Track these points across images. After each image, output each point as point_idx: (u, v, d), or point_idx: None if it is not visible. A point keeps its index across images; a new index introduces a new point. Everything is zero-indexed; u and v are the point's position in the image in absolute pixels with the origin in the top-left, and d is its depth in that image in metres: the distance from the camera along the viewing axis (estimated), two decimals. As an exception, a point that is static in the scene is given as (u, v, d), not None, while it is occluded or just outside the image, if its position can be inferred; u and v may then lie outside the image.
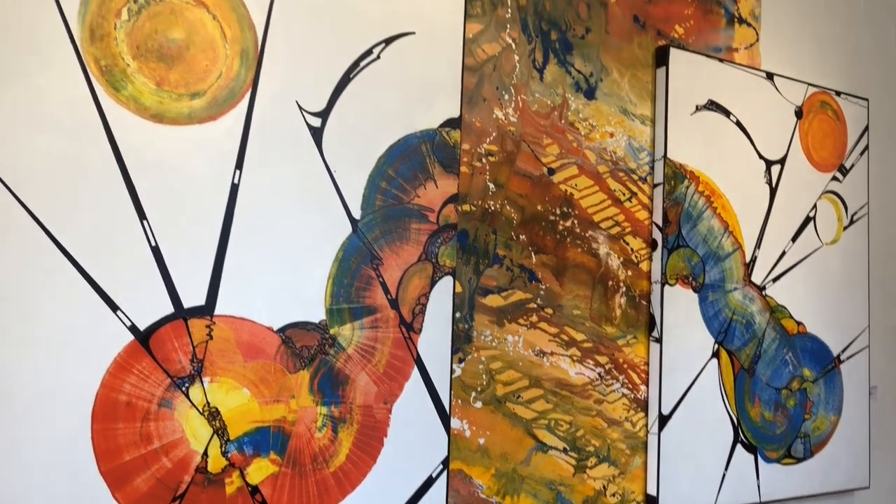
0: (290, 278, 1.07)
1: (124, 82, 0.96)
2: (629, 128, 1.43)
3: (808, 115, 1.64)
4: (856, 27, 1.80)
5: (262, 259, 1.05)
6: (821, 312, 1.65)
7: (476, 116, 1.27)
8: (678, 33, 1.49)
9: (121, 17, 0.96)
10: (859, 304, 1.72)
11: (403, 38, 1.18)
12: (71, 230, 0.93)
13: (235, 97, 1.04)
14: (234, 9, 1.04)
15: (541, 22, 1.34)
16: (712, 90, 1.49)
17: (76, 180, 0.93)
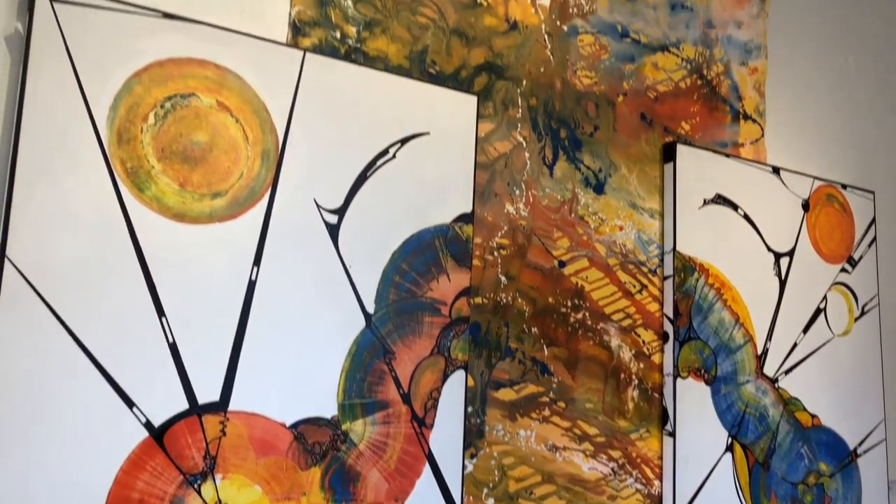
0: (304, 373, 1.08)
1: (149, 183, 1.00)
2: (638, 221, 1.45)
3: (814, 208, 1.67)
4: (860, 121, 1.85)
5: (277, 354, 1.06)
6: (835, 405, 1.64)
7: (488, 211, 1.30)
8: (684, 130, 1.54)
9: (147, 121, 1.01)
10: (874, 396, 1.71)
11: (418, 138, 1.22)
12: (91, 328, 0.95)
13: (256, 196, 1.07)
14: (257, 113, 1.08)
15: (550, 121, 1.38)
16: (720, 184, 1.53)
17: (98, 279, 0.96)
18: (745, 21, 1.64)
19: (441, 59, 1.28)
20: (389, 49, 1.23)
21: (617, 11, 1.47)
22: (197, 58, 1.04)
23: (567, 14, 1.41)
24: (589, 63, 1.43)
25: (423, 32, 1.26)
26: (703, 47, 1.58)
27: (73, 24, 0.97)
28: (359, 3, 1.20)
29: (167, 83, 1.02)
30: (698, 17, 1.58)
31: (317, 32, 1.16)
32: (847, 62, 1.84)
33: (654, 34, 1.52)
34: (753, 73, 1.65)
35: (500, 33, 1.34)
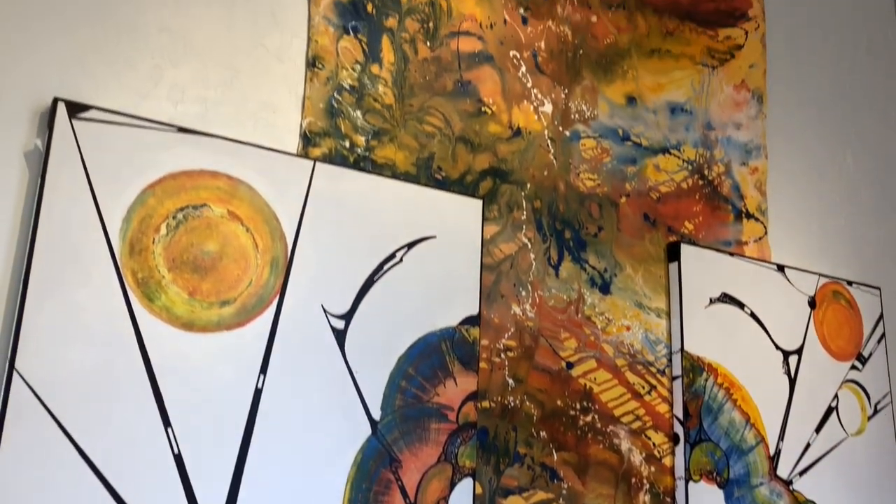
0: (309, 483, 1.06)
1: (159, 293, 1.01)
2: (645, 321, 1.45)
3: (821, 305, 1.67)
4: (862, 218, 1.87)
5: (282, 463, 1.05)
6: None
7: (495, 313, 1.30)
8: (688, 229, 1.55)
9: (159, 232, 1.03)
10: (891, 497, 1.66)
11: (425, 241, 1.24)
12: (97, 440, 0.94)
13: (264, 303, 1.08)
14: (267, 221, 1.10)
15: (555, 222, 1.40)
16: (725, 283, 1.53)
17: (106, 390, 0.96)
18: (744, 122, 1.69)
19: (447, 165, 1.31)
20: (397, 156, 1.26)
21: (618, 116, 1.51)
22: (209, 169, 1.07)
23: (569, 120, 1.45)
24: (591, 166, 1.46)
25: (430, 140, 1.30)
26: (703, 148, 1.61)
27: (91, 140, 1.00)
28: (368, 113, 1.24)
29: (180, 194, 1.05)
30: (698, 119, 1.62)
31: (327, 142, 1.20)
32: (846, 160, 1.88)
33: (655, 137, 1.55)
34: (754, 173, 1.68)
35: (504, 139, 1.38)
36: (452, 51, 1.35)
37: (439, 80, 1.32)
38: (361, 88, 1.24)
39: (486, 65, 1.38)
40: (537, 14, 1.45)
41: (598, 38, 1.52)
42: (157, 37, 1.09)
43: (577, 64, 1.48)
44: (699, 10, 1.67)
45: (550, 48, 1.45)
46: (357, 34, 1.25)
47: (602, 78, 1.51)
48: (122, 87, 1.05)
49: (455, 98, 1.34)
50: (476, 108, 1.36)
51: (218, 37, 1.13)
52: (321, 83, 1.20)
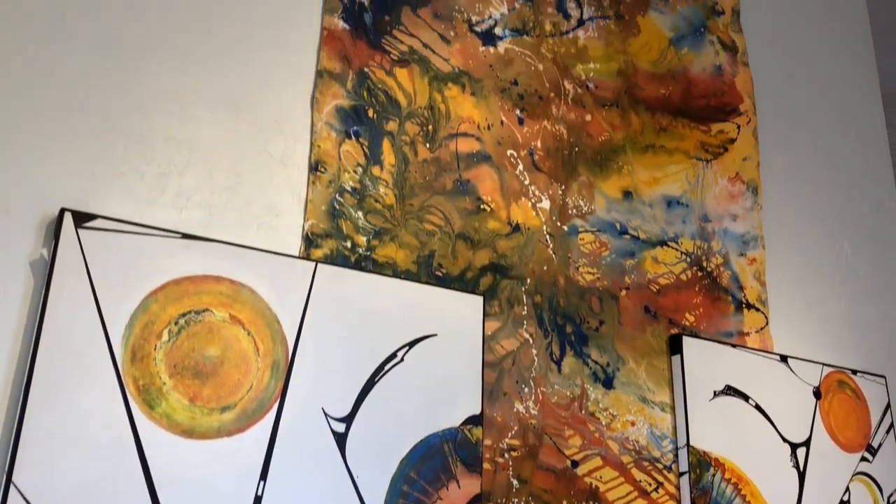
0: None
1: (159, 400, 1.01)
2: (650, 416, 1.44)
3: (826, 395, 1.65)
4: (862, 306, 1.87)
5: (282, 575, 1.03)
6: None
7: (497, 411, 1.29)
8: (689, 321, 1.56)
9: (161, 338, 1.03)
10: None
11: (426, 339, 1.24)
12: (92, 555, 0.92)
13: (264, 408, 1.08)
14: (269, 324, 1.11)
15: (556, 317, 1.40)
16: (728, 375, 1.52)
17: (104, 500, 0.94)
18: (740, 214, 1.71)
19: (447, 262, 1.32)
20: (398, 255, 1.28)
21: (615, 210, 1.54)
22: (212, 274, 1.09)
23: (567, 215, 1.47)
24: (590, 260, 1.48)
25: (430, 238, 1.32)
26: (700, 240, 1.63)
27: (96, 248, 1.01)
28: (369, 213, 1.26)
29: (182, 300, 1.06)
30: (694, 212, 1.64)
31: (328, 243, 1.21)
32: (843, 248, 1.89)
33: (653, 230, 1.57)
34: (752, 263, 1.69)
35: (503, 235, 1.40)
36: (451, 151, 1.38)
37: (439, 179, 1.35)
38: (363, 190, 1.26)
39: (485, 164, 1.41)
40: (533, 114, 1.49)
41: (592, 135, 1.55)
42: (163, 145, 1.12)
43: (573, 161, 1.52)
44: (691, 106, 1.71)
45: (547, 146, 1.49)
46: (358, 138, 1.28)
47: (598, 174, 1.54)
48: (128, 195, 1.07)
49: (454, 196, 1.36)
50: (475, 206, 1.38)
51: (223, 144, 1.16)
52: (323, 186, 1.23)
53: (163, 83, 1.14)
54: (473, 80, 1.44)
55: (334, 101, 1.27)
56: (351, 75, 1.30)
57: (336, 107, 1.27)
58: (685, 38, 1.76)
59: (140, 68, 1.13)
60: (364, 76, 1.31)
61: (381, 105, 1.32)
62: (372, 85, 1.31)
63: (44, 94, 1.05)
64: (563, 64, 1.56)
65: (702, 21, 1.80)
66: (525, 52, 1.52)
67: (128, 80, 1.11)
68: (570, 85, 1.56)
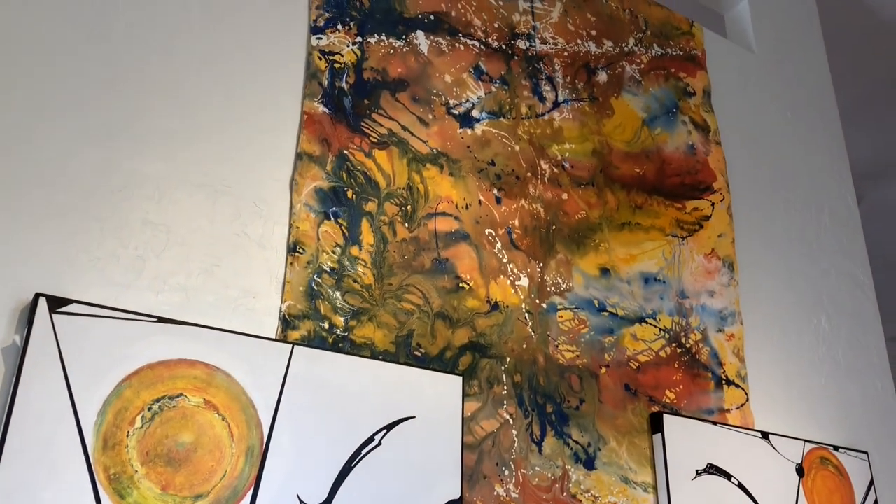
0: None
1: (130, 489, 0.98)
2: (632, 497, 1.42)
3: (809, 473, 1.64)
4: (842, 382, 1.87)
5: None
6: None
7: (477, 495, 1.27)
8: (669, 398, 1.55)
9: (134, 424, 1.01)
10: None
11: (404, 422, 1.23)
12: None
13: (238, 496, 1.05)
14: (244, 409, 1.09)
15: (536, 396, 1.39)
16: (710, 453, 1.51)
17: None
18: (717, 290, 1.73)
19: (426, 342, 1.32)
20: (376, 335, 1.27)
21: (593, 287, 1.55)
22: (187, 358, 1.07)
23: (545, 293, 1.48)
24: (570, 337, 1.48)
25: (409, 317, 1.31)
26: (679, 317, 1.64)
27: (70, 334, 1.00)
28: (347, 294, 1.26)
29: (156, 385, 1.04)
30: (671, 288, 1.66)
31: (306, 324, 1.21)
32: (821, 323, 1.91)
33: (631, 307, 1.58)
34: (731, 339, 1.70)
35: (482, 314, 1.40)
36: (430, 230, 1.39)
37: (418, 258, 1.36)
38: (341, 270, 1.27)
39: (463, 243, 1.42)
40: (510, 194, 1.51)
41: (569, 213, 1.58)
42: (140, 230, 1.12)
43: (551, 239, 1.53)
44: (665, 184, 1.75)
45: (524, 225, 1.51)
46: (337, 219, 1.29)
47: (575, 251, 1.55)
48: (104, 280, 1.07)
49: (433, 275, 1.37)
50: (454, 285, 1.38)
51: (201, 227, 1.17)
52: (301, 267, 1.23)
53: (141, 167, 1.15)
54: (451, 160, 1.46)
55: (314, 182, 1.28)
56: (330, 157, 1.31)
57: (315, 188, 1.28)
58: (658, 118, 1.81)
59: (119, 152, 1.14)
60: (343, 158, 1.33)
61: (361, 186, 1.33)
62: (351, 166, 1.33)
63: (20, 178, 1.06)
64: (539, 144, 1.60)
65: (674, 102, 1.85)
66: (502, 134, 1.55)
67: (106, 165, 1.12)
68: (547, 165, 1.58)
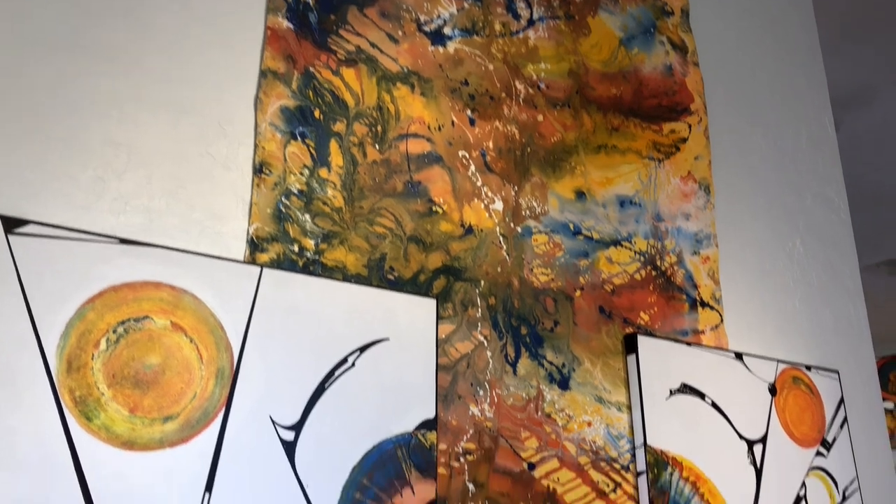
0: None
1: (97, 411, 0.97)
2: (606, 416, 1.43)
3: (782, 392, 1.66)
4: (814, 303, 1.89)
5: (229, 590, 0.99)
6: None
7: (452, 415, 1.27)
8: (644, 320, 1.55)
9: (99, 347, 0.99)
10: (869, 588, 1.62)
11: (378, 344, 1.22)
12: (25, 575, 0.88)
13: (209, 417, 1.04)
14: (212, 331, 1.07)
15: (510, 318, 1.39)
16: (684, 373, 1.52)
17: (37, 519, 0.90)
18: (693, 213, 1.72)
19: (399, 265, 1.30)
20: (347, 259, 1.25)
21: (568, 211, 1.53)
22: (152, 280, 1.05)
23: (520, 216, 1.46)
24: (544, 261, 1.47)
25: (381, 241, 1.29)
26: (654, 240, 1.63)
27: (28, 256, 0.97)
28: (317, 217, 1.24)
29: (121, 307, 1.02)
30: (647, 211, 1.64)
31: (275, 247, 1.18)
32: (796, 245, 1.91)
33: (606, 230, 1.57)
34: (706, 262, 1.70)
35: (456, 237, 1.38)
36: (402, 153, 1.36)
37: (389, 181, 1.33)
38: (310, 192, 1.24)
39: (436, 165, 1.39)
40: (484, 115, 1.48)
41: (545, 136, 1.55)
42: (100, 149, 1.08)
43: (526, 161, 1.51)
44: (642, 106, 1.72)
45: (499, 147, 1.48)
46: (305, 139, 1.25)
47: (551, 174, 1.53)
48: (62, 201, 1.03)
49: (406, 199, 1.34)
50: (427, 208, 1.36)
51: (163, 147, 1.13)
52: (268, 189, 1.20)
53: (98, 84, 1.10)
54: (423, 80, 1.42)
55: (279, 101, 1.24)
56: (296, 75, 1.27)
57: (281, 107, 1.24)
58: (635, 38, 1.77)
59: (74, 68, 1.09)
60: (310, 76, 1.29)
61: (328, 105, 1.29)
62: (318, 85, 1.29)
63: (-29, 97, 1.01)
64: (514, 64, 1.56)
65: (651, 21, 1.81)
66: (475, 52, 1.51)
67: (60, 81, 1.07)
68: (522, 85, 1.55)
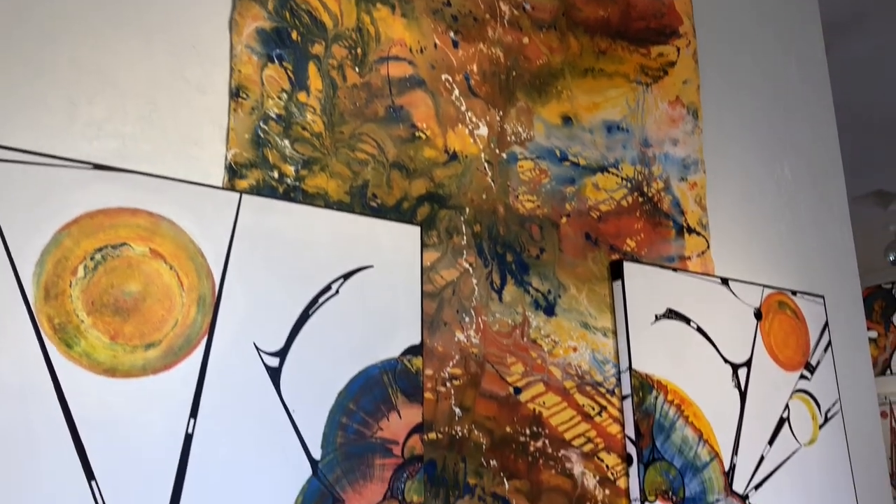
0: (247, 531, 1.01)
1: (77, 339, 0.96)
2: (591, 341, 1.44)
3: (767, 316, 1.67)
4: (802, 228, 1.89)
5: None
6: (810, 519, 1.59)
7: (438, 341, 1.27)
8: (630, 246, 1.55)
9: (77, 274, 0.98)
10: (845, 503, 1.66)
11: (362, 271, 1.21)
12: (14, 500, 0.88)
13: (192, 344, 1.03)
14: (192, 258, 1.06)
15: (496, 246, 1.38)
16: (670, 299, 1.52)
17: (22, 447, 0.90)
18: (681, 138, 1.69)
19: (382, 193, 1.28)
20: (329, 185, 1.23)
21: (554, 136, 1.51)
22: (129, 207, 1.03)
23: (505, 142, 1.44)
24: (530, 187, 1.45)
25: (363, 167, 1.27)
26: (641, 166, 1.61)
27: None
28: (296, 142, 1.21)
29: (97, 234, 1.00)
30: (634, 136, 1.62)
31: (254, 174, 1.16)
32: (783, 171, 1.90)
33: (593, 156, 1.55)
34: (693, 188, 1.68)
35: (440, 164, 1.36)
36: (382, 76, 1.33)
37: (370, 106, 1.30)
38: (289, 117, 1.21)
39: (418, 89, 1.36)
40: (468, 37, 1.44)
41: (530, 59, 1.51)
42: (69, 72, 1.04)
43: (511, 86, 1.47)
44: (630, 28, 1.68)
45: (483, 71, 1.45)
46: (282, 62, 1.22)
47: (536, 99, 1.50)
48: (31, 125, 1.00)
49: (387, 124, 1.31)
50: (410, 134, 1.33)
51: (135, 71, 1.09)
52: (246, 113, 1.17)
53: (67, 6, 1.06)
54: (403, 0, 1.38)
55: (255, 22, 1.20)
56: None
57: (257, 29, 1.20)
58: (623, -42, 1.71)
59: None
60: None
61: (306, 27, 1.25)
62: (295, 5, 1.24)
63: (-69, 17, 0.97)
64: (498, -15, 1.51)
65: (640, -59, 1.75)
66: (457, -27, 1.46)
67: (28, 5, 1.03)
68: (506, 6, 1.50)
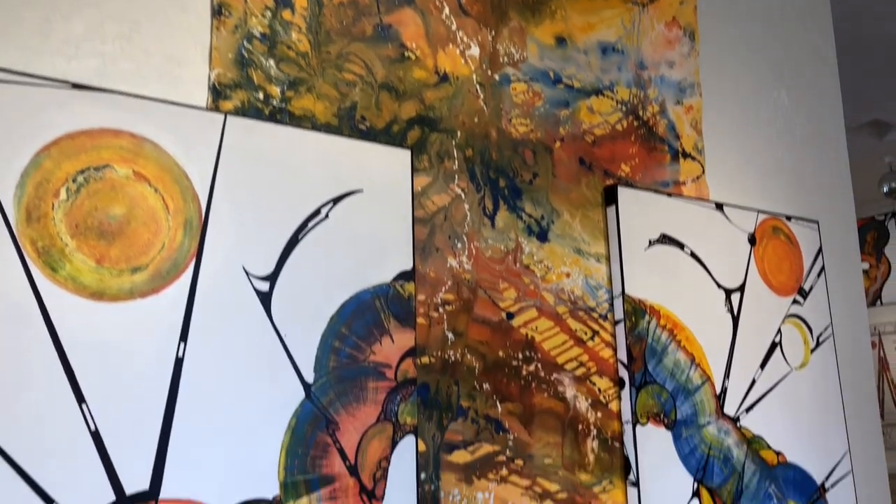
0: (241, 453, 1.01)
1: (62, 262, 0.94)
2: (584, 267, 1.43)
3: (761, 241, 1.66)
4: (797, 153, 1.86)
5: (210, 435, 1.00)
6: (799, 440, 1.61)
7: (430, 267, 1.26)
8: (624, 172, 1.52)
9: (59, 196, 0.95)
10: (837, 428, 1.68)
11: (351, 195, 1.19)
12: (5, 425, 0.87)
13: (179, 268, 1.02)
14: (177, 181, 1.04)
15: (488, 171, 1.35)
16: (664, 224, 1.51)
17: (11, 372, 0.89)
18: (677, 60, 1.66)
19: (371, 115, 1.25)
20: (316, 107, 1.20)
21: (548, 58, 1.47)
22: (111, 128, 1.00)
23: (498, 63, 1.40)
24: (523, 111, 1.42)
25: (351, 89, 1.24)
26: (636, 89, 1.58)
27: (-26, 101, 0.92)
28: (282, 62, 1.17)
29: (79, 156, 0.97)
30: (630, 59, 1.58)
31: (238, 94, 1.13)
32: (780, 96, 1.87)
33: (587, 78, 1.51)
34: (689, 112, 1.65)
35: (430, 86, 1.32)
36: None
37: (357, 24, 1.26)
38: (273, 36, 1.17)
39: (407, 7, 1.32)
40: (458, -47, 1.39)
41: (523, -23, 1.46)
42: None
43: (503, 4, 1.43)
44: (626, -55, 1.62)
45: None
46: (265, -21, 1.17)
47: (530, 19, 1.46)
48: (6, 44, 0.97)
49: (376, 43, 1.27)
50: (399, 54, 1.30)
51: (111, -15, 1.05)
52: (229, 32, 1.13)
53: (35, -86, 1.01)
54: (391, -85, 1.32)
55: (235, -65, 1.15)
56: None
57: (238, -58, 1.15)
58: None
59: None
60: None
61: (289, -59, 1.20)
62: (277, -82, 1.19)
63: None
64: None
65: None
66: None
67: (-8, -89, 0.98)
68: (498, -78, 1.45)
